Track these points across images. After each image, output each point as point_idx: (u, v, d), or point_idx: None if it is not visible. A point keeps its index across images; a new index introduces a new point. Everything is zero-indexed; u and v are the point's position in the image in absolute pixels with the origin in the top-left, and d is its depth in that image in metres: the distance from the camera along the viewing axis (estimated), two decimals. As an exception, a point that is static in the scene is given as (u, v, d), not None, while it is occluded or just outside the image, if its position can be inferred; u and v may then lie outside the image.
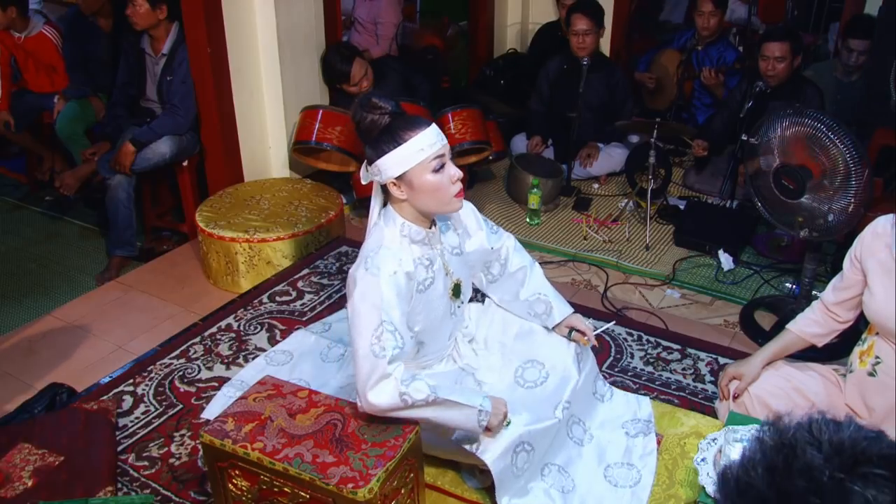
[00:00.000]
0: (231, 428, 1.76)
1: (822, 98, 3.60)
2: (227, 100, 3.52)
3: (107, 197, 3.49)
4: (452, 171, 1.79)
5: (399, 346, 1.71)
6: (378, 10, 4.85)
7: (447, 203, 1.81)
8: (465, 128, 3.75)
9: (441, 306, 1.94)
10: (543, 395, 2.04)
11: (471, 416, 1.74)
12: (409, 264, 1.80)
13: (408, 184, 1.77)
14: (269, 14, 3.52)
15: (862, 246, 1.93)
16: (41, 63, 4.13)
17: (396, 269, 1.75)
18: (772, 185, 2.66)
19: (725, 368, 2.23)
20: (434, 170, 1.76)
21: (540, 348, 2.13)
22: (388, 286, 1.72)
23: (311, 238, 3.29)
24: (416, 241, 1.84)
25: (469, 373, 2.12)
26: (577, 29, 3.95)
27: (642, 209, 3.72)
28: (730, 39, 4.65)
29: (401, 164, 1.74)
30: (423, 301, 1.86)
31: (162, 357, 2.69)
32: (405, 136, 1.73)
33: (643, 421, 2.25)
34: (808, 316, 2.13)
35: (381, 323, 1.69)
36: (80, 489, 2.01)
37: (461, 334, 2.18)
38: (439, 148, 1.76)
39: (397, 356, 1.70)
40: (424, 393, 1.69)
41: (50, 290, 3.42)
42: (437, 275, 1.89)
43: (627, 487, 2.04)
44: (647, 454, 2.15)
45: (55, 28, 4.12)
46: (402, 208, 1.83)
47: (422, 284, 1.85)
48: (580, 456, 2.08)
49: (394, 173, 1.76)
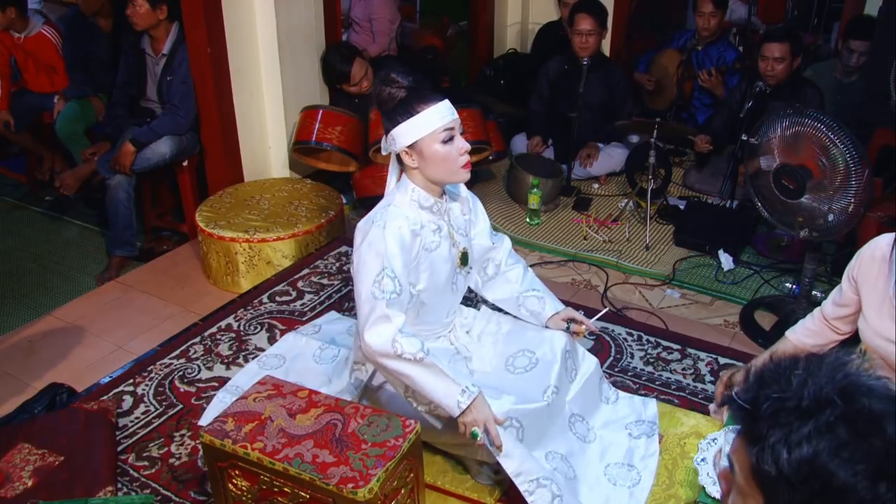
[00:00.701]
0: (231, 428, 1.76)
1: (822, 98, 3.60)
2: (227, 100, 3.52)
3: (107, 197, 3.49)
4: (461, 143, 1.91)
5: (396, 292, 1.83)
6: (371, 7, 4.86)
7: (455, 173, 1.93)
8: (465, 128, 3.72)
9: (445, 271, 2.02)
10: (532, 379, 2.06)
11: (452, 392, 1.78)
12: (416, 223, 1.92)
13: (419, 152, 1.90)
14: (269, 14, 3.52)
15: (859, 268, 1.89)
16: (41, 63, 4.13)
17: (402, 224, 1.88)
18: (772, 185, 2.66)
19: (722, 374, 2.22)
20: (443, 141, 1.88)
21: (531, 340, 2.17)
22: (392, 237, 1.85)
23: (311, 238, 3.29)
24: (424, 206, 1.96)
25: (463, 356, 2.16)
26: (581, 29, 3.94)
27: (642, 209, 3.72)
28: (730, 39, 4.65)
29: (413, 133, 1.87)
30: (429, 260, 1.97)
31: (162, 357, 2.69)
32: (418, 108, 1.86)
33: (647, 422, 2.26)
34: (808, 326, 2.11)
35: (382, 269, 1.83)
36: (80, 489, 2.01)
37: (460, 323, 2.22)
38: (449, 121, 1.88)
39: (394, 301, 1.82)
40: (416, 348, 1.79)
41: (50, 290, 3.42)
42: (443, 240, 2.00)
43: (626, 487, 2.05)
44: (649, 456, 2.15)
45: (55, 28, 4.12)
46: (413, 176, 1.96)
47: (428, 245, 1.96)
48: (583, 452, 2.09)
49: (406, 142, 1.88)
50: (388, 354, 1.80)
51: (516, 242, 3.59)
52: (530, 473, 1.83)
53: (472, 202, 2.16)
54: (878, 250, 1.84)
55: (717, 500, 1.77)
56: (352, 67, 3.76)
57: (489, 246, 2.20)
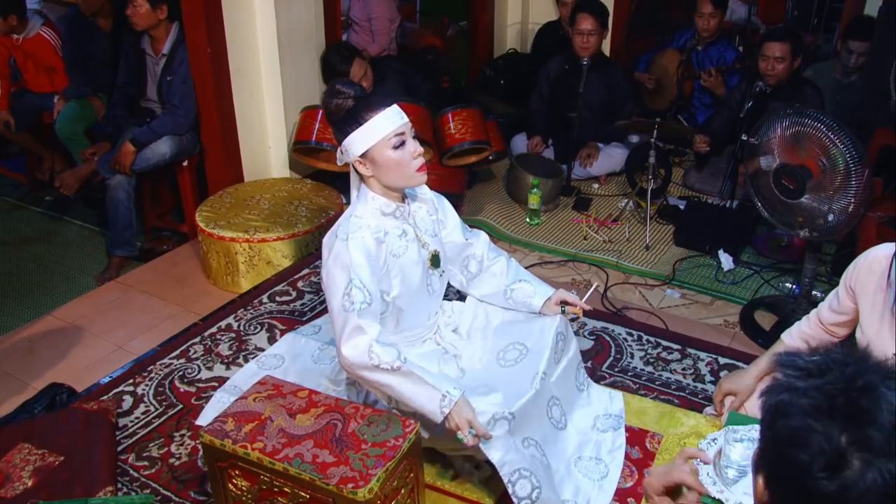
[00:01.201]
0: (231, 428, 1.76)
1: (822, 98, 3.61)
2: (227, 100, 3.52)
3: (107, 197, 3.49)
4: (412, 147, 1.90)
5: (367, 302, 1.82)
6: (370, 6, 4.86)
7: (410, 177, 1.92)
8: (465, 128, 3.75)
9: (417, 274, 2.01)
10: (522, 370, 2.06)
11: (434, 398, 1.77)
12: (380, 231, 1.92)
13: (371, 160, 1.89)
14: (269, 14, 3.52)
15: (856, 277, 1.87)
16: (40, 64, 4.13)
17: (364, 235, 1.88)
18: (772, 185, 2.66)
19: (720, 383, 2.22)
20: (394, 146, 1.87)
21: (521, 332, 2.16)
22: (356, 248, 1.85)
23: (311, 238, 3.29)
24: (386, 213, 1.96)
25: (452, 355, 2.15)
26: (582, 28, 3.94)
27: (642, 209, 3.72)
28: (730, 39, 4.65)
29: (363, 142, 1.87)
30: (398, 266, 1.97)
31: (162, 357, 2.69)
32: (366, 116, 1.86)
33: (614, 416, 2.27)
34: (804, 330, 2.10)
35: (349, 281, 1.82)
36: (80, 489, 2.01)
37: (444, 322, 2.21)
38: (399, 126, 1.88)
39: (365, 311, 1.81)
40: (392, 357, 1.78)
41: (50, 290, 3.42)
42: (410, 244, 1.99)
43: (595, 481, 2.06)
44: (616, 449, 2.17)
45: (54, 29, 4.12)
46: (371, 184, 1.95)
47: (395, 251, 1.96)
48: (556, 440, 2.09)
49: (357, 151, 1.88)
50: (365, 366, 1.79)
51: (516, 243, 3.61)
52: (513, 464, 1.84)
53: (438, 202, 2.14)
54: (876, 264, 1.80)
55: (717, 500, 1.77)
56: (351, 67, 3.76)
57: (464, 242, 2.19)
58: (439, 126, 3.74)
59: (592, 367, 2.59)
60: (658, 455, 2.18)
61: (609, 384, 2.51)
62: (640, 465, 2.15)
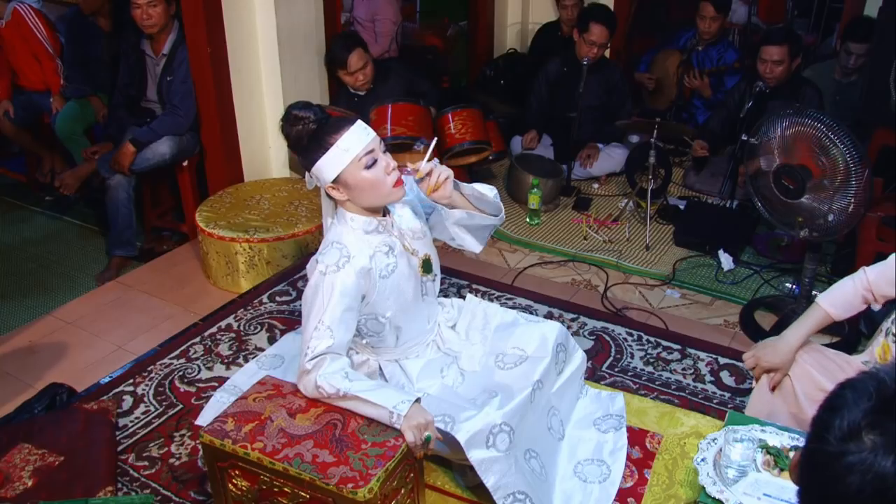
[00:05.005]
0: (231, 428, 1.76)
1: (822, 98, 3.61)
2: (227, 100, 3.52)
3: (107, 197, 3.49)
4: (385, 162, 1.81)
5: (329, 346, 1.78)
6: (375, 7, 4.85)
7: (388, 195, 1.84)
8: (465, 128, 3.75)
9: (410, 287, 1.96)
10: (520, 374, 2.04)
11: (384, 416, 1.75)
12: (364, 259, 1.84)
13: (345, 185, 1.82)
14: (269, 14, 3.51)
15: None
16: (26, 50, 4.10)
17: (347, 271, 1.80)
18: (772, 185, 2.66)
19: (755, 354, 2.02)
20: (367, 166, 1.79)
21: (521, 337, 2.13)
22: (332, 286, 1.78)
23: (311, 238, 3.29)
24: (369, 231, 1.89)
25: (452, 357, 2.13)
26: (594, 39, 3.92)
27: (642, 209, 3.72)
28: (730, 39, 4.65)
29: (333, 166, 1.78)
30: (390, 286, 1.90)
31: (162, 357, 2.69)
32: (331, 139, 1.77)
33: (615, 416, 2.26)
34: (847, 291, 1.94)
35: (318, 324, 1.78)
36: (80, 489, 2.01)
37: (443, 318, 2.19)
38: (367, 143, 1.78)
39: (323, 355, 1.78)
40: (334, 388, 1.75)
41: (50, 290, 3.42)
42: (399, 258, 1.92)
43: (597, 483, 2.06)
44: (618, 450, 2.16)
45: (30, 8, 4.06)
46: (348, 207, 1.88)
47: (384, 271, 1.89)
48: (554, 451, 2.09)
49: (329, 177, 1.80)
50: (319, 398, 1.81)
51: (516, 242, 3.61)
52: (508, 488, 1.82)
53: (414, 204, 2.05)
54: None
55: (717, 500, 1.76)
56: (349, 55, 3.72)
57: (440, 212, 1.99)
58: (439, 126, 3.74)
59: (592, 367, 2.59)
60: (658, 455, 2.18)
61: (609, 384, 2.51)
62: (641, 466, 2.15)
